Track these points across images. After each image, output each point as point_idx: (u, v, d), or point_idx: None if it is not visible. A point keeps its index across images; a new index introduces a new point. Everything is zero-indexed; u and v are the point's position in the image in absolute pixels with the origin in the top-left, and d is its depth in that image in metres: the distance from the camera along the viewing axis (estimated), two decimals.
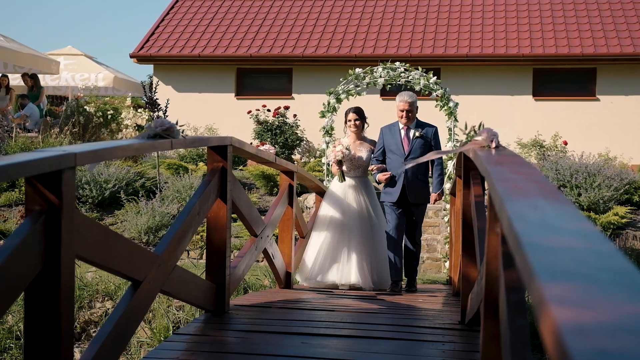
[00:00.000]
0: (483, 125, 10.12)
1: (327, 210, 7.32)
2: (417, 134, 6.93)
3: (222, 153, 4.70)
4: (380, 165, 7.04)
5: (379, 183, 7.20)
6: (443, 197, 6.94)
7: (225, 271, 4.63)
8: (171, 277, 3.72)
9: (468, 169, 4.56)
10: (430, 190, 7.06)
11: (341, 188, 7.29)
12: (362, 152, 7.27)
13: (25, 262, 2.41)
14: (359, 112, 7.37)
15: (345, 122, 7.40)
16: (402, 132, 7.01)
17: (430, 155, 5.86)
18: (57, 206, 2.59)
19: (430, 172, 7.17)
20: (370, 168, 7.16)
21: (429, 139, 6.96)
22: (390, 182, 6.97)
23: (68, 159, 2.62)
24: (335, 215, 7.23)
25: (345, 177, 7.25)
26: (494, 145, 3.47)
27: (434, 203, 7.05)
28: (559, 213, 1.62)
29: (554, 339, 0.89)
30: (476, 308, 3.66)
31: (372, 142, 7.35)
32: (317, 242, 7.18)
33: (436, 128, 7.11)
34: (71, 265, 2.65)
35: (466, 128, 9.90)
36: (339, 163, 7.18)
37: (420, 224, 7.08)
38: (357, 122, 7.30)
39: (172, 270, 3.74)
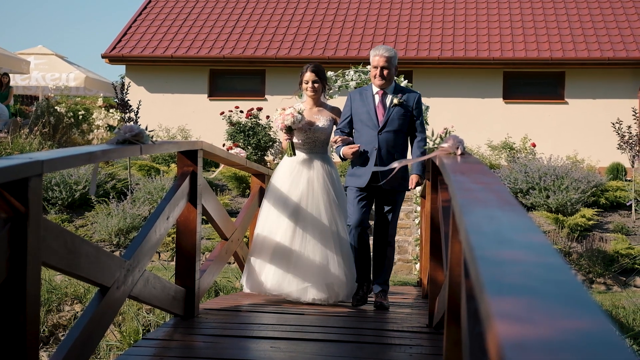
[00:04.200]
0: (449, 132, 10.22)
1: (271, 200, 5.73)
2: (395, 100, 5.40)
3: (193, 157, 4.71)
4: (345, 137, 5.48)
5: (343, 159, 5.58)
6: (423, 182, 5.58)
7: (194, 275, 4.64)
8: (140, 282, 3.72)
9: (436, 173, 4.62)
10: (410, 173, 5.50)
11: (292, 168, 5.67)
12: (321, 120, 5.69)
13: None
14: (318, 72, 5.71)
15: (300, 84, 5.80)
16: (377, 98, 5.46)
17: (400, 162, 4.82)
18: (23, 214, 2.59)
19: (409, 150, 5.63)
20: (332, 140, 5.57)
21: (410, 108, 5.44)
22: (359, 159, 5.42)
23: (35, 166, 2.62)
24: (282, 206, 5.63)
25: (300, 153, 5.72)
26: (459, 152, 3.53)
27: (414, 187, 5.42)
28: (513, 224, 1.67)
29: (497, 355, 0.94)
30: (443, 312, 3.72)
31: (334, 110, 5.81)
32: (261, 244, 5.70)
33: (419, 95, 5.57)
34: (37, 274, 2.65)
35: (433, 135, 9.99)
36: (289, 131, 5.58)
37: (395, 217, 5.51)
38: (316, 85, 5.70)
39: (141, 275, 3.74)
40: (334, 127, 5.73)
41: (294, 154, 5.63)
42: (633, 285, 9.58)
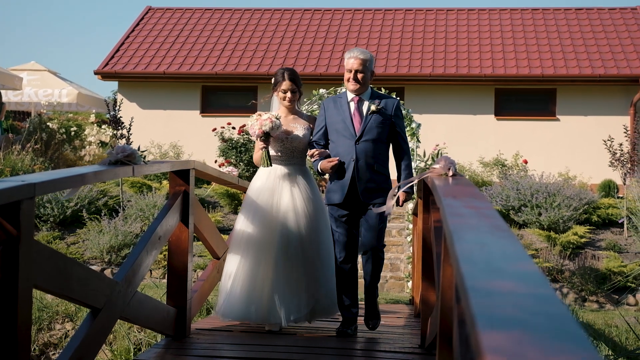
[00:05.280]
0: (441, 151, 10.26)
1: (246, 216, 5.18)
2: (373, 107, 4.99)
3: (185, 177, 4.71)
4: (323, 150, 5.06)
5: (321, 174, 5.17)
6: (411, 198, 5.07)
7: (186, 295, 4.63)
8: (131, 303, 3.71)
9: (428, 193, 4.63)
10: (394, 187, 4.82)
11: (268, 182, 5.17)
12: (298, 129, 5.24)
13: None
14: (295, 80, 5.27)
15: (274, 90, 5.34)
16: (352, 105, 5.06)
17: (395, 191, 4.51)
18: (15, 237, 2.58)
19: (389, 161, 5.15)
20: (309, 153, 5.14)
21: (388, 115, 5.02)
22: (338, 173, 4.99)
23: (27, 189, 2.62)
24: (258, 224, 5.12)
25: (276, 165, 5.22)
26: (450, 173, 3.55)
27: (401, 205, 4.98)
28: (504, 252, 1.68)
29: None
30: (435, 333, 3.71)
31: (310, 119, 5.38)
32: (233, 265, 5.12)
33: (398, 101, 5.17)
34: (29, 296, 2.64)
35: (424, 156, 10.02)
36: (265, 137, 5.08)
37: (381, 231, 5.01)
38: (295, 95, 5.28)
39: (132, 296, 3.73)
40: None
41: (270, 164, 5.11)
42: (626, 304, 9.59)
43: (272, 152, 5.20)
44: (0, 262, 2.54)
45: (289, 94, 5.23)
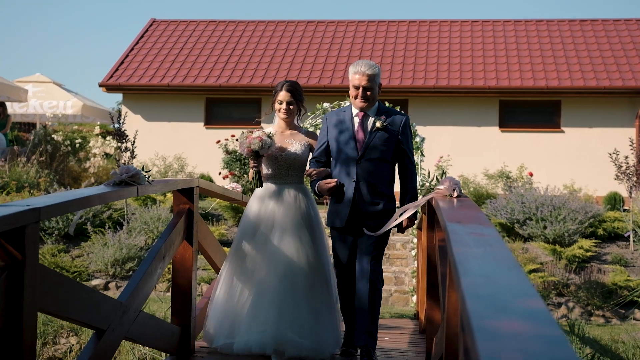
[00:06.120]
0: (446, 174, 10.25)
1: (240, 239, 4.86)
2: (378, 123, 4.57)
3: (189, 195, 4.72)
4: (322, 169, 4.69)
5: (319, 196, 4.76)
6: (415, 223, 4.71)
7: (190, 313, 4.63)
8: (135, 323, 3.71)
9: (432, 212, 4.61)
10: (397, 209, 4.54)
11: (264, 203, 4.85)
12: (294, 145, 4.89)
13: None
14: (294, 91, 4.93)
15: (272, 101, 4.99)
16: (356, 121, 4.66)
17: (400, 214, 4.26)
18: (20, 261, 2.59)
19: (392, 180, 4.75)
20: (307, 172, 4.76)
21: (395, 132, 4.61)
22: (338, 194, 4.63)
23: (32, 214, 2.62)
24: (252, 248, 4.79)
25: (270, 184, 4.89)
26: (455, 194, 3.54)
27: (403, 232, 4.67)
28: (510, 286, 1.67)
29: None
30: (440, 354, 3.70)
31: (310, 134, 5.02)
32: (224, 288, 4.81)
33: (407, 117, 4.73)
34: (33, 321, 2.64)
35: (429, 176, 9.99)
36: (256, 157, 4.76)
37: (380, 256, 4.63)
38: (291, 107, 4.93)
39: (137, 316, 3.73)
40: (311, 154, 4.93)
41: (261, 185, 4.81)
42: (632, 318, 9.54)
43: (266, 171, 4.89)
44: (5, 286, 2.54)
45: (284, 106, 4.89)
